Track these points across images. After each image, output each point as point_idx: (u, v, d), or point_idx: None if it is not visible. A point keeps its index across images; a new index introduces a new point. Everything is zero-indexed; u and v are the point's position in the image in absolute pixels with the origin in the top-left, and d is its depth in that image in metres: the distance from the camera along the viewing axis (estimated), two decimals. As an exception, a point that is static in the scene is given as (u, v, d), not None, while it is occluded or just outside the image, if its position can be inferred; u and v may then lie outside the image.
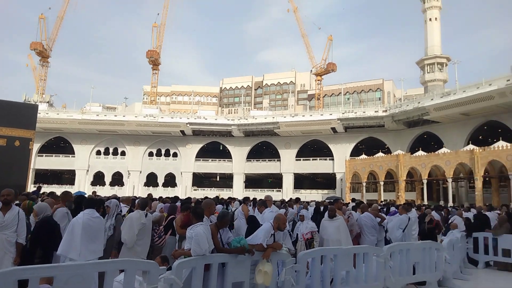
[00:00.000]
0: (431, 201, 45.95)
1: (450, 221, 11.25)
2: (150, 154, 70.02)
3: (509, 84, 42.46)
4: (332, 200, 14.23)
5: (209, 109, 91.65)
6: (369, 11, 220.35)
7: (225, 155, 70.67)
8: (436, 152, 46.36)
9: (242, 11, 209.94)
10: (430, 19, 71.45)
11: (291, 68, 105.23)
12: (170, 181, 69.47)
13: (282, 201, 17.28)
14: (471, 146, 43.39)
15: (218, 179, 72.85)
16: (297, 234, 9.39)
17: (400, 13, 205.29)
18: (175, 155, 70.37)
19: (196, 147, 69.81)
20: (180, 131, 67.05)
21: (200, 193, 58.14)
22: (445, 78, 71.26)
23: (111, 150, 69.29)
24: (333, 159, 63.68)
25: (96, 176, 68.59)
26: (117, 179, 68.30)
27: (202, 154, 70.90)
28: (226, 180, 72.24)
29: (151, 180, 69.04)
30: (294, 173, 66.79)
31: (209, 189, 68.04)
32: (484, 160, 40.52)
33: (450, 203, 41.26)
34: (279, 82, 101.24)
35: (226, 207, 12.22)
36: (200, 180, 74.66)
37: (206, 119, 66.38)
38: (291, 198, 19.11)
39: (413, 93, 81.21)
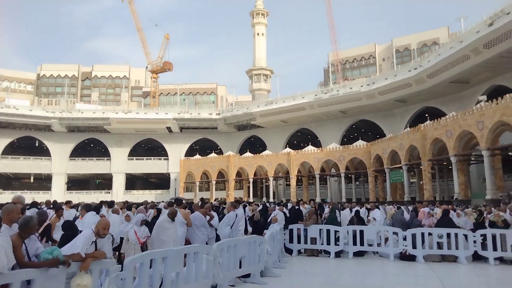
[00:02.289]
0: (256, 198, 50.69)
1: (272, 215, 12.43)
2: None
3: (317, 98, 50.90)
4: (173, 201, 14.03)
5: (23, 97, 77.86)
6: (206, 18, 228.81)
7: (43, 152, 61.35)
8: (261, 154, 51.56)
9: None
10: (258, 34, 79.20)
11: (125, 62, 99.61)
12: (-38, 183, 55.92)
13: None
14: (288, 149, 49.94)
15: (32, 180, 62.56)
16: (121, 238, 8.74)
17: (234, 24, 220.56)
18: (-29, 151, 57.16)
19: (3, 142, 58.30)
20: (-20, 122, 54.87)
21: (7, 197, 48.64)
22: (269, 88, 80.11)
23: None
24: (167, 159, 63.11)
25: None
26: None
27: (12, 150, 59.80)
28: (43, 182, 62.84)
29: None
30: (126, 173, 63.22)
31: (20, 191, 57.66)
32: (297, 161, 47.15)
33: (271, 199, 46.38)
34: (111, 75, 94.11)
35: (96, 212, 10.31)
36: (7, 181, 62.81)
37: (17, 109, 56.11)
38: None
39: (243, 99, 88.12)
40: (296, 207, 14.84)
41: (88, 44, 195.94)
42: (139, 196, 54.28)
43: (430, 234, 10.78)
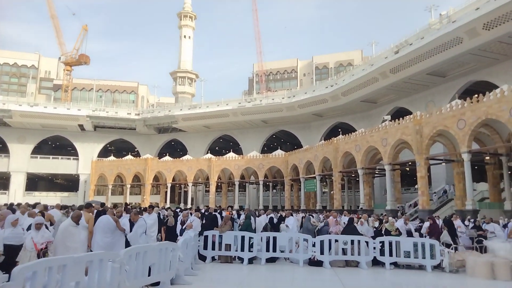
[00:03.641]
0: (173, 204, 49.36)
1: (188, 222, 12.15)
2: None
3: (240, 106, 51.66)
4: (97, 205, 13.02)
5: None
6: (130, 14, 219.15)
7: None
8: (181, 159, 50.47)
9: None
10: (185, 36, 78.12)
11: (34, 50, 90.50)
12: None
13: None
14: (209, 155, 49.67)
15: None
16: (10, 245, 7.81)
17: (160, 23, 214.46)
18: None
19: None
20: None
21: None
22: (193, 92, 79.18)
23: None
24: (78, 159, 58.44)
25: None
26: None
27: None
28: None
29: None
30: (28, 173, 57.05)
31: None
32: (218, 167, 47.10)
33: (189, 205, 45.57)
34: (16, 63, 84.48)
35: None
36: None
37: None
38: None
39: (166, 101, 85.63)
40: (214, 213, 14.76)
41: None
42: (41, 198, 49.17)
43: (336, 241, 11.51)
